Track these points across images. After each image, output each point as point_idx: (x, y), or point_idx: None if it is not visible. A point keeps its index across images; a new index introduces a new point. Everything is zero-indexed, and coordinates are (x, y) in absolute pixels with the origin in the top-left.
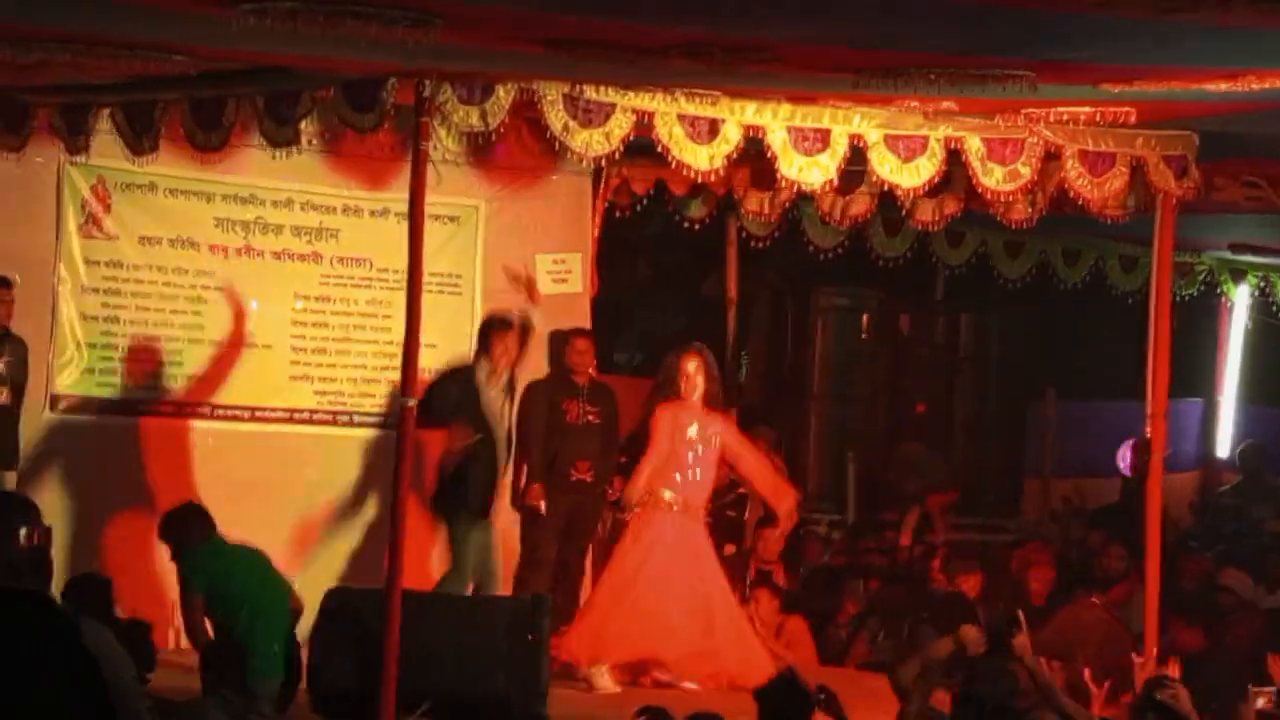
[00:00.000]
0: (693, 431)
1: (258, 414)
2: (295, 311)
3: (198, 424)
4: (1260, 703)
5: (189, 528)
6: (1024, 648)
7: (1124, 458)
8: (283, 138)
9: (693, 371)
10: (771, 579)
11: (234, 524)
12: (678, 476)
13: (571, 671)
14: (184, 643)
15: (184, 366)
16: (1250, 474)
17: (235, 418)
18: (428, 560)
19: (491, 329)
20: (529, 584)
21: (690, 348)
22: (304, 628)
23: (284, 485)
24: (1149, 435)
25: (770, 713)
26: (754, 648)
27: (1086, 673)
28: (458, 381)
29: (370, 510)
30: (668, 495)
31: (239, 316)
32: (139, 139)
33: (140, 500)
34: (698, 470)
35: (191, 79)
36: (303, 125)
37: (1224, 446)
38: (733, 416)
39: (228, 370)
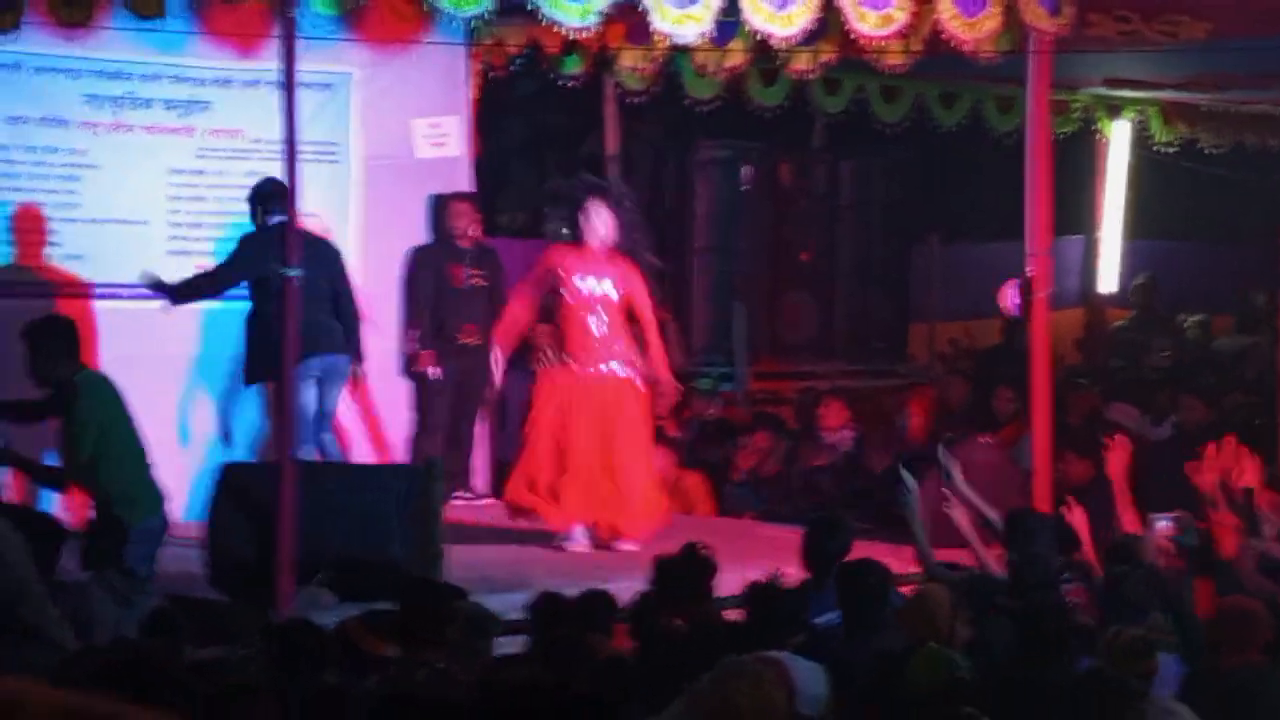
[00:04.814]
0: (591, 283)
1: (138, 291)
2: (170, 186)
3: (77, 304)
4: (1161, 525)
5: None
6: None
7: (1007, 297)
8: (149, 8)
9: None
10: (665, 434)
11: None
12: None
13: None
14: None
15: (60, 247)
16: (1143, 308)
17: (114, 296)
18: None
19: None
20: (422, 449)
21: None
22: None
23: (169, 362)
24: (1030, 274)
25: (666, 580)
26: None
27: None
28: None
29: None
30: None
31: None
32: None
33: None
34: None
35: None
36: None
37: (1107, 282)
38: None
39: (104, 248)
